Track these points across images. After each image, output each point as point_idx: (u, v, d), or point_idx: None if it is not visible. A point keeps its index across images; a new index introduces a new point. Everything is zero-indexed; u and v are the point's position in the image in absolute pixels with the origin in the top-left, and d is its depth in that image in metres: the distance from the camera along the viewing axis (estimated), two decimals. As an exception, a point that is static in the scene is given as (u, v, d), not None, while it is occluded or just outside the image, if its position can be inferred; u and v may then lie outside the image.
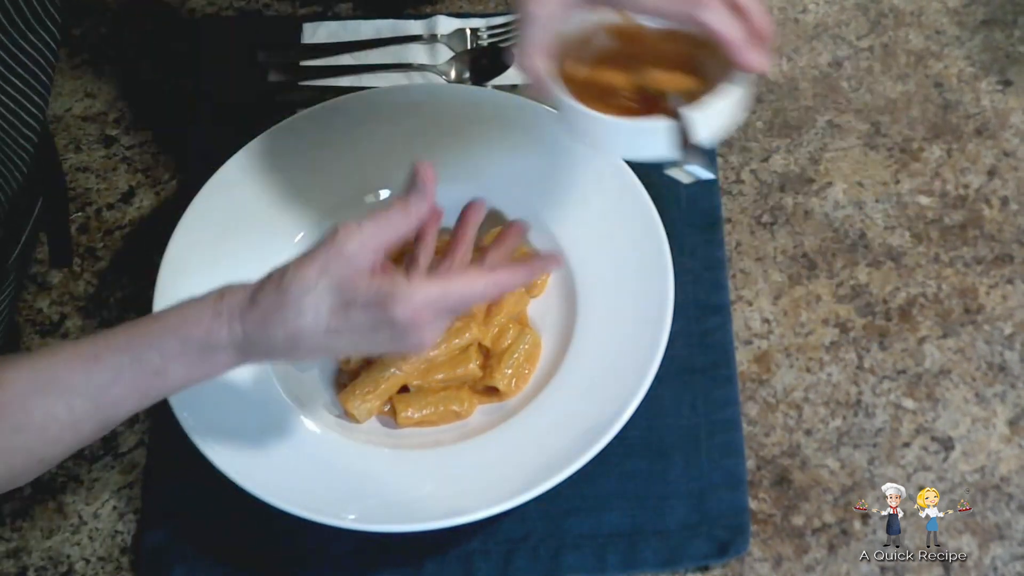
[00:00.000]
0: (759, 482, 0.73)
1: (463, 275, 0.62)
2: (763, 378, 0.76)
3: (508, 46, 0.88)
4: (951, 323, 0.78)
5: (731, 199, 0.82)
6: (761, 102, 0.86)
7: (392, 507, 0.70)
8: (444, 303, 0.60)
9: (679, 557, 0.71)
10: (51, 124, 0.87)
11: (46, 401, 0.59)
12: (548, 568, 0.71)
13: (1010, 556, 0.70)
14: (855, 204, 0.82)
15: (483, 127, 0.81)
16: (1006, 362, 0.76)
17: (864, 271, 0.80)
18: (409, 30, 0.89)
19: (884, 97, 0.86)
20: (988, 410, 0.75)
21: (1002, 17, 0.89)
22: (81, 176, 0.86)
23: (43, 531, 0.74)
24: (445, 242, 0.80)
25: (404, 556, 0.71)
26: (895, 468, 0.73)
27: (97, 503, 0.75)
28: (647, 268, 0.75)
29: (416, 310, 0.59)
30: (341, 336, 0.60)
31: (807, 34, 0.89)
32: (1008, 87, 0.86)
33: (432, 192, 0.63)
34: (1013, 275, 0.79)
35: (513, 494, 0.68)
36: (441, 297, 0.60)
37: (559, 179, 0.79)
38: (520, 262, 0.71)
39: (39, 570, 0.73)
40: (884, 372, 0.76)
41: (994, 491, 0.72)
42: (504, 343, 0.75)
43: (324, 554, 0.71)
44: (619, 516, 0.72)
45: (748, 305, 0.79)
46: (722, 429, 0.74)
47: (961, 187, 0.82)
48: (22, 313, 0.81)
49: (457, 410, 0.74)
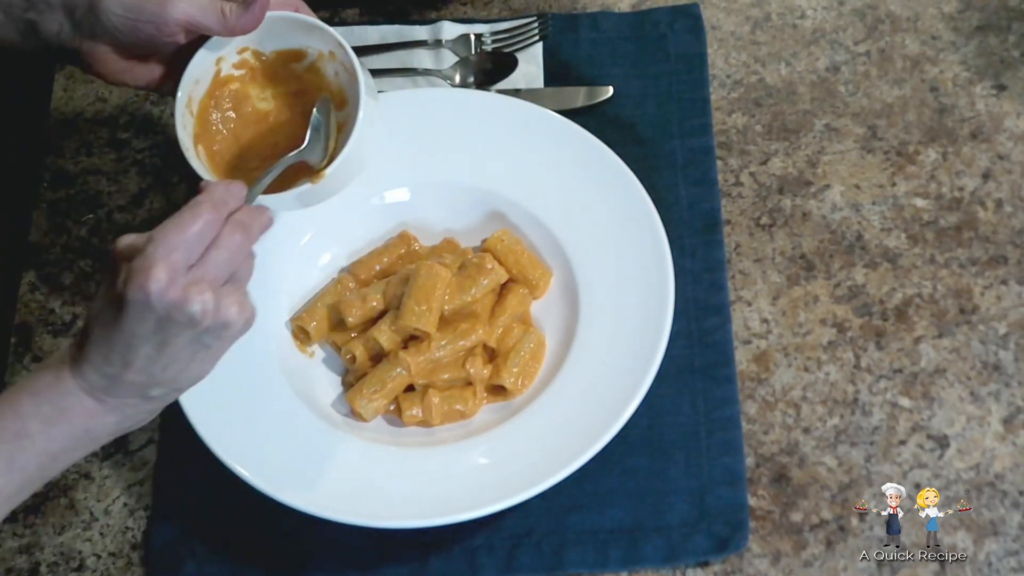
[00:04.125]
0: (758, 479, 0.74)
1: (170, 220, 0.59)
2: (762, 377, 0.77)
3: (511, 50, 0.88)
4: (946, 323, 0.78)
5: (730, 201, 0.83)
6: (760, 106, 0.87)
7: (398, 504, 0.70)
8: (164, 250, 0.57)
9: (679, 553, 0.71)
10: (63, 127, 0.88)
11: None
12: (551, 563, 0.71)
13: (1005, 552, 0.71)
14: (852, 206, 0.83)
15: (487, 130, 0.81)
16: (1000, 361, 0.77)
17: (861, 272, 0.80)
18: (414, 35, 0.90)
19: (881, 101, 0.86)
20: (983, 408, 0.75)
21: (996, 23, 0.89)
22: (92, 179, 0.86)
23: (55, 527, 0.74)
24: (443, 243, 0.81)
25: (410, 551, 0.72)
26: (891, 466, 0.74)
27: (108, 500, 0.75)
28: (648, 269, 0.75)
29: (141, 277, 0.56)
30: (156, 353, 0.58)
31: (805, 39, 0.89)
32: (1002, 91, 0.86)
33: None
34: (1007, 276, 0.79)
35: (516, 491, 0.69)
36: (156, 247, 0.57)
37: (561, 182, 0.80)
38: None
39: (51, 566, 0.73)
40: (881, 371, 0.77)
41: (989, 488, 0.73)
42: (509, 343, 0.76)
43: (331, 549, 0.72)
44: (620, 512, 0.72)
45: (747, 305, 0.80)
46: (722, 427, 0.75)
47: (956, 190, 0.83)
48: (34, 313, 0.82)
49: (462, 409, 0.75)
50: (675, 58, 0.88)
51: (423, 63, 0.88)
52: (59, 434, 0.60)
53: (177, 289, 0.57)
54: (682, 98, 0.86)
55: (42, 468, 0.61)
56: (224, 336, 0.60)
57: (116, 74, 0.71)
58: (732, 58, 0.89)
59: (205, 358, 0.61)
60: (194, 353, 0.60)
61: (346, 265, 0.81)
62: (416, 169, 0.82)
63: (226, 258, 0.60)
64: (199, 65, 0.70)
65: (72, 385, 0.60)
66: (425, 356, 0.75)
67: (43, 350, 0.80)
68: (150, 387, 0.60)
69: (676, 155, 0.84)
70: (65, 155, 0.88)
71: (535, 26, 0.89)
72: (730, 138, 0.86)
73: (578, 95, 0.86)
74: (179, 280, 0.57)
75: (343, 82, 0.71)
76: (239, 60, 0.71)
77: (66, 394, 0.59)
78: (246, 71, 0.72)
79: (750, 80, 0.88)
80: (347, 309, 0.77)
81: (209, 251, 0.59)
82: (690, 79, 0.87)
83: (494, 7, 0.92)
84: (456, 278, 0.77)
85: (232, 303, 0.59)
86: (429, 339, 0.75)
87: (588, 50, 0.89)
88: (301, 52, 0.72)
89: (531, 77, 0.88)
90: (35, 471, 0.60)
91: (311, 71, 0.72)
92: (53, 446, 0.60)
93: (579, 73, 0.88)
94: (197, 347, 0.59)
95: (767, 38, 0.90)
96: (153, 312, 0.57)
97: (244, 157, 0.72)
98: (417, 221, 0.82)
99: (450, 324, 0.76)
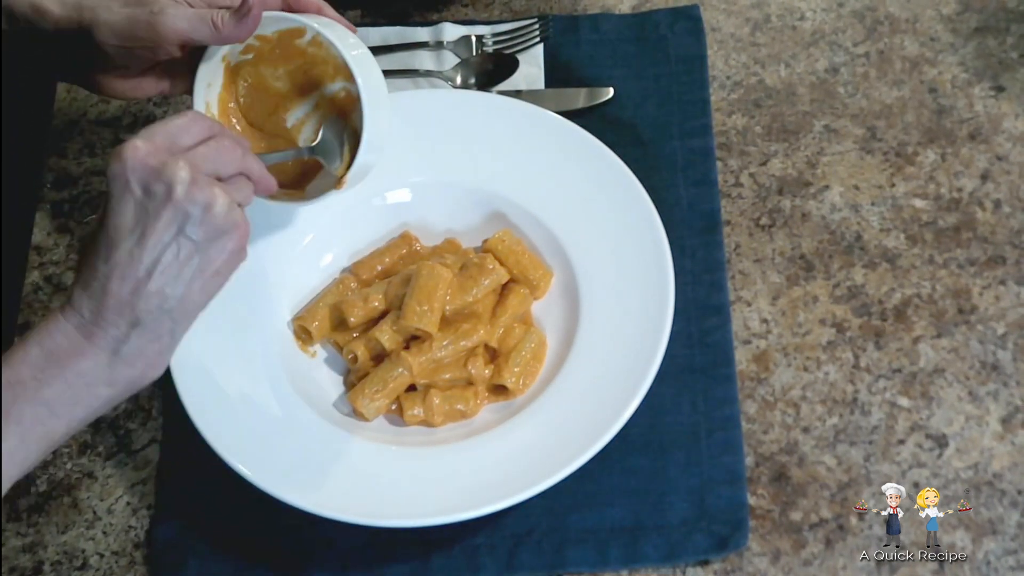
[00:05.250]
0: (758, 478, 0.74)
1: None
2: (762, 377, 0.77)
3: (512, 52, 0.89)
4: (945, 323, 0.78)
5: (730, 202, 0.83)
6: (760, 107, 0.87)
7: (399, 503, 0.70)
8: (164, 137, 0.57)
9: (679, 552, 0.71)
10: (66, 128, 0.89)
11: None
12: (551, 562, 0.72)
13: (1003, 551, 0.71)
14: (851, 207, 0.83)
15: (488, 131, 0.82)
16: (999, 361, 0.77)
17: (860, 272, 0.80)
18: (416, 37, 0.90)
19: (880, 102, 0.87)
20: (981, 408, 0.76)
21: (995, 25, 0.89)
22: (96, 180, 0.87)
23: (58, 526, 0.75)
24: (445, 244, 0.82)
25: (411, 550, 0.72)
26: (890, 465, 0.74)
27: (111, 499, 0.76)
28: (648, 269, 0.75)
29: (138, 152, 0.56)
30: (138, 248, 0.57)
31: (804, 41, 0.90)
32: (1001, 93, 0.86)
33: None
34: (1006, 276, 0.80)
35: (517, 490, 0.69)
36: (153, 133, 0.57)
37: (562, 182, 0.80)
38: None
39: (55, 564, 0.73)
40: (880, 371, 0.77)
41: (987, 487, 0.73)
42: (511, 343, 0.76)
43: (333, 548, 0.72)
44: (621, 512, 0.72)
45: (747, 305, 0.80)
46: (721, 427, 0.75)
47: (955, 190, 0.83)
48: (37, 313, 0.82)
49: (463, 409, 0.75)
50: (675, 59, 0.88)
51: (425, 65, 0.89)
52: (50, 378, 0.57)
53: (155, 156, 0.56)
54: (682, 99, 0.87)
55: (40, 421, 0.58)
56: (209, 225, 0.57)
57: (127, 92, 0.71)
58: (732, 59, 0.89)
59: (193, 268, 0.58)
60: (178, 255, 0.57)
61: (348, 265, 0.81)
62: (418, 170, 0.82)
63: (216, 158, 0.59)
64: (206, 69, 0.71)
65: (61, 321, 0.58)
66: (427, 356, 0.75)
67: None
68: (138, 304, 0.57)
69: (676, 156, 0.84)
70: (68, 156, 0.88)
71: (536, 28, 0.90)
72: (730, 139, 0.86)
73: (579, 96, 0.87)
74: (158, 153, 0.56)
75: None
76: (244, 47, 0.72)
77: (55, 331, 0.58)
78: (254, 54, 0.72)
79: (750, 81, 0.88)
80: (349, 309, 0.77)
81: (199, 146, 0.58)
82: (690, 80, 0.87)
83: (495, 9, 0.92)
84: (457, 278, 0.77)
85: (213, 185, 0.57)
86: (431, 339, 0.76)
87: (589, 51, 0.89)
88: (301, 29, 0.72)
89: (532, 78, 0.88)
90: (32, 424, 0.57)
91: (315, 44, 0.72)
92: (47, 392, 0.57)
93: (580, 74, 0.88)
94: (181, 242, 0.57)
95: (767, 40, 0.90)
96: (130, 189, 0.56)
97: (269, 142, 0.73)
98: (419, 221, 0.82)
99: (451, 324, 0.76)
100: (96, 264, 0.57)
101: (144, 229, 0.56)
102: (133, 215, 0.56)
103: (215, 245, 0.58)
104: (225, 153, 0.59)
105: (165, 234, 0.57)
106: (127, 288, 0.57)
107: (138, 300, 0.57)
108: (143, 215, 0.56)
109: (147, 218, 0.56)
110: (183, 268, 0.58)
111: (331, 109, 0.74)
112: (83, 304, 0.58)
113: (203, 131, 0.59)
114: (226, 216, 0.58)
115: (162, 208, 0.56)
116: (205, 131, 0.60)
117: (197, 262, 0.58)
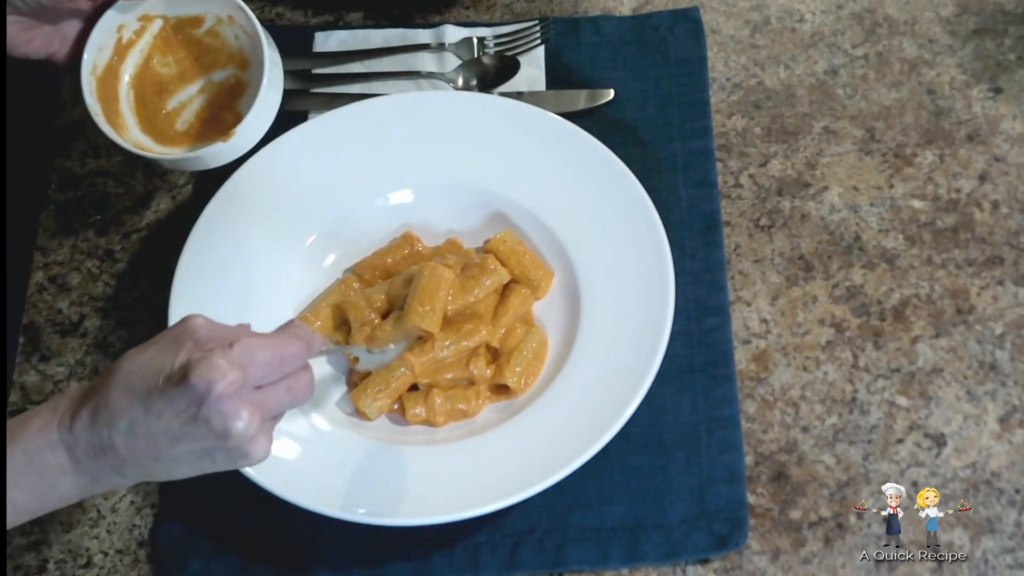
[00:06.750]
0: (757, 477, 0.74)
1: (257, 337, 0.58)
2: (761, 377, 0.78)
3: (514, 54, 0.89)
4: (943, 323, 0.79)
5: (730, 203, 0.84)
6: (759, 108, 0.88)
7: (402, 502, 0.71)
8: (247, 360, 0.55)
9: (679, 550, 0.72)
10: (70, 130, 0.89)
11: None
12: (553, 560, 0.72)
13: (1001, 549, 0.71)
14: (850, 208, 0.83)
15: (489, 133, 0.82)
16: (996, 361, 0.77)
17: (859, 273, 0.81)
18: (418, 39, 0.90)
19: (878, 104, 0.87)
20: (979, 407, 0.76)
21: (993, 27, 0.89)
22: (100, 180, 0.87)
23: (63, 525, 0.75)
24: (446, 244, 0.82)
25: (413, 549, 0.72)
26: (889, 464, 0.74)
27: (115, 498, 0.76)
28: (649, 270, 0.76)
29: (216, 372, 0.54)
30: (168, 443, 0.56)
31: (804, 43, 0.90)
32: (999, 94, 0.87)
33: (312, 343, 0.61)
34: (1003, 276, 0.80)
35: (519, 489, 0.69)
36: (243, 354, 0.55)
37: (563, 183, 0.80)
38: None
39: (59, 563, 0.74)
40: (878, 371, 0.77)
41: (985, 486, 0.73)
42: (512, 343, 0.76)
43: (336, 547, 0.72)
44: (621, 510, 0.73)
45: (747, 306, 0.80)
46: (721, 426, 0.75)
47: (953, 191, 0.84)
48: (42, 313, 0.83)
49: (465, 409, 0.75)
50: (675, 61, 0.89)
51: (426, 66, 0.89)
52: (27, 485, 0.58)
53: (236, 401, 0.55)
54: (682, 101, 0.87)
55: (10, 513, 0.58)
56: (234, 462, 0.57)
57: (17, 47, 0.70)
58: (732, 61, 0.90)
59: (196, 467, 0.58)
60: (194, 459, 0.57)
61: (350, 266, 0.82)
62: (420, 171, 0.83)
63: (288, 398, 0.58)
64: (101, 32, 0.73)
65: (55, 437, 0.57)
66: (429, 356, 0.76)
67: (51, 350, 0.81)
68: (131, 467, 0.58)
69: (676, 157, 0.85)
70: (72, 157, 0.88)
71: (537, 30, 0.90)
72: (730, 140, 0.86)
73: (580, 98, 0.87)
74: (243, 394, 0.55)
75: (244, 45, 0.75)
76: (139, 27, 0.75)
77: (45, 446, 0.57)
78: (146, 37, 0.75)
79: (749, 83, 0.89)
80: (351, 309, 0.78)
81: (278, 384, 0.58)
82: (690, 82, 0.88)
83: (496, 11, 0.93)
84: (459, 279, 0.77)
85: (265, 441, 0.57)
86: (433, 339, 0.76)
87: (590, 53, 0.89)
88: (199, 18, 0.75)
89: (533, 80, 0.88)
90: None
91: (211, 35, 0.76)
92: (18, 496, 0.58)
93: (581, 76, 0.89)
94: (203, 456, 0.57)
95: (766, 42, 0.90)
96: (199, 407, 0.55)
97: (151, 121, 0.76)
98: (421, 222, 0.82)
99: (453, 324, 0.77)
100: (118, 417, 0.56)
101: (181, 437, 0.56)
102: (182, 422, 0.55)
103: (225, 460, 0.58)
104: (297, 397, 0.59)
105: (195, 451, 0.56)
106: (131, 458, 0.57)
107: (131, 467, 0.58)
108: (190, 429, 0.55)
109: (190, 434, 0.56)
110: (189, 462, 0.58)
111: (217, 94, 0.77)
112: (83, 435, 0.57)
113: (297, 359, 0.58)
114: (253, 463, 0.58)
115: (208, 437, 0.56)
116: (300, 359, 0.59)
117: (202, 467, 0.58)
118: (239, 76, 0.77)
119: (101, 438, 0.57)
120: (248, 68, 0.76)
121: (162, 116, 0.76)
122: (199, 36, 0.76)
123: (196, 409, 0.55)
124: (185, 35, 0.76)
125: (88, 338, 0.81)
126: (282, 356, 0.58)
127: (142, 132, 0.76)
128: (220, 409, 0.55)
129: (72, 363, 0.81)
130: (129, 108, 0.76)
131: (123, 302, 0.83)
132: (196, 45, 0.77)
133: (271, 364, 0.57)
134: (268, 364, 0.57)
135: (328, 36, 0.91)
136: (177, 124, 0.77)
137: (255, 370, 0.56)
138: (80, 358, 0.81)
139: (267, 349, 0.57)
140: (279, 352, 0.58)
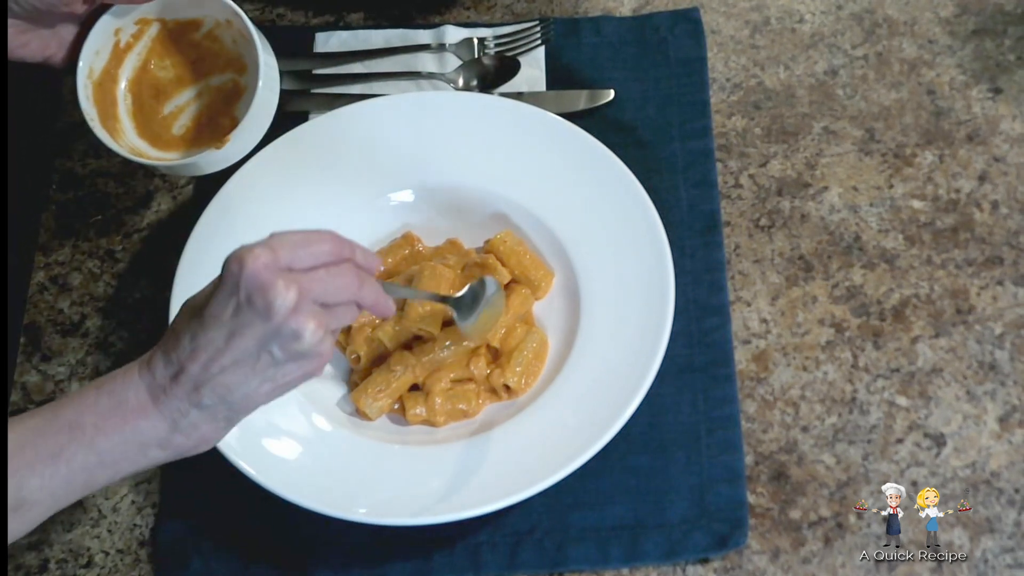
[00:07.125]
0: (757, 477, 0.74)
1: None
2: (761, 376, 0.78)
3: (514, 54, 0.89)
4: (943, 323, 0.79)
5: (730, 203, 0.84)
6: (759, 109, 0.88)
7: (402, 501, 0.71)
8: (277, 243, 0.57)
9: (680, 550, 0.72)
10: (71, 130, 0.89)
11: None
12: (553, 560, 0.72)
13: (1000, 549, 0.71)
14: (850, 208, 0.83)
15: (490, 133, 0.82)
16: (996, 361, 0.77)
17: (859, 273, 0.81)
18: (418, 39, 0.90)
19: (878, 104, 0.87)
20: (979, 407, 0.76)
21: (992, 27, 0.89)
22: (101, 181, 0.87)
23: (64, 525, 0.75)
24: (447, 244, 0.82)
25: (414, 548, 0.72)
26: (889, 464, 0.74)
27: (116, 497, 0.76)
28: (649, 270, 0.76)
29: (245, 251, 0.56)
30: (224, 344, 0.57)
31: (804, 43, 0.90)
32: (998, 95, 0.87)
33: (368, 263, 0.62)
34: (1003, 276, 0.80)
35: (519, 489, 0.69)
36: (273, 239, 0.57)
37: (563, 183, 0.80)
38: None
39: (60, 563, 0.74)
40: (878, 371, 0.77)
41: (984, 486, 0.73)
42: (512, 343, 0.76)
43: (336, 547, 0.72)
44: (622, 510, 0.73)
45: (747, 306, 0.80)
46: (721, 426, 0.75)
47: (953, 191, 0.84)
48: (44, 314, 0.83)
49: (465, 408, 0.75)
50: (675, 62, 0.89)
51: (427, 67, 0.89)
52: (110, 429, 0.59)
53: (269, 272, 0.56)
54: (682, 101, 0.87)
55: (87, 469, 0.59)
56: (292, 350, 0.58)
57: (13, 50, 0.70)
58: (732, 62, 0.90)
59: (266, 376, 0.59)
60: (257, 363, 0.58)
61: (351, 266, 0.82)
62: (420, 171, 0.83)
63: (329, 285, 0.59)
64: (98, 36, 0.73)
65: (136, 378, 0.59)
66: (429, 356, 0.76)
67: (52, 350, 0.81)
68: (204, 388, 0.58)
69: (676, 157, 0.85)
70: (73, 157, 0.89)
71: (538, 30, 0.90)
72: (730, 141, 0.86)
73: (580, 98, 0.87)
74: (275, 268, 0.56)
75: (241, 49, 0.76)
76: (137, 31, 0.75)
77: (128, 386, 0.59)
78: (144, 41, 0.75)
79: (749, 83, 0.89)
80: (352, 309, 0.78)
81: (317, 270, 0.58)
82: (690, 82, 0.88)
83: (497, 11, 0.93)
84: (459, 279, 0.77)
85: (311, 318, 0.57)
86: (433, 339, 0.76)
87: (590, 54, 0.90)
88: (198, 21, 0.76)
89: (534, 80, 0.88)
90: (80, 469, 0.59)
91: (209, 39, 0.76)
92: (102, 443, 0.59)
93: (581, 76, 0.89)
94: (262, 354, 0.58)
95: (766, 42, 0.91)
96: (237, 292, 0.56)
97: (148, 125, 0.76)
98: (421, 222, 0.82)
99: (454, 324, 0.77)
100: (183, 336, 0.58)
101: (234, 330, 0.57)
102: (231, 314, 0.57)
103: (293, 365, 0.59)
104: (341, 284, 0.59)
105: (251, 343, 0.57)
106: (201, 374, 0.58)
107: (206, 387, 0.59)
108: (238, 319, 0.57)
109: (241, 323, 0.57)
110: (256, 375, 0.59)
111: (215, 98, 0.77)
112: (159, 369, 0.59)
113: (330, 253, 0.59)
114: (313, 346, 0.58)
115: (256, 321, 0.57)
116: (332, 254, 0.59)
117: (271, 374, 0.59)
118: (237, 80, 0.77)
119: (171, 364, 0.59)
120: (246, 72, 0.76)
121: (159, 120, 0.77)
122: (197, 40, 0.77)
123: (237, 292, 0.56)
124: (183, 39, 0.76)
125: (89, 338, 0.82)
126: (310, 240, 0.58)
127: (139, 136, 0.76)
128: (257, 281, 0.56)
129: (73, 363, 0.81)
130: (126, 112, 0.76)
131: (124, 302, 0.83)
132: (194, 49, 0.77)
133: (301, 245, 0.58)
134: (298, 245, 0.58)
135: (329, 37, 0.91)
136: (174, 128, 0.77)
137: (285, 251, 0.57)
138: (81, 358, 0.81)
139: (298, 235, 0.58)
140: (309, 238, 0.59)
